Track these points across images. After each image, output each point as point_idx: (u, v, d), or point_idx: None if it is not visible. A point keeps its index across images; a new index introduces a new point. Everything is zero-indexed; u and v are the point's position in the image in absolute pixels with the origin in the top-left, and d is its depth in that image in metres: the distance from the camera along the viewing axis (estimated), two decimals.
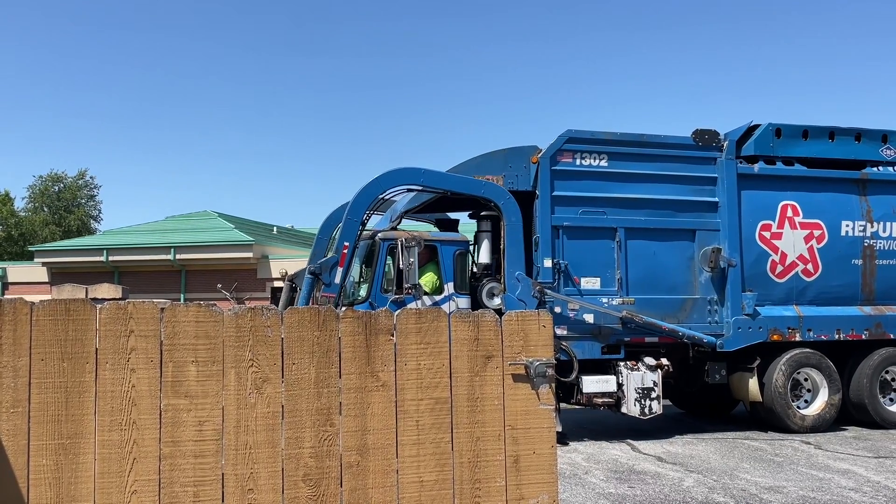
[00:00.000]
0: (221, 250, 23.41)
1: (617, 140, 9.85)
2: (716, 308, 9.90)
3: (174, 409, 3.01)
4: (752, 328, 9.85)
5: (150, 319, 3.02)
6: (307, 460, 3.11)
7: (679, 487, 6.95)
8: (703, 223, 9.99)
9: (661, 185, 9.92)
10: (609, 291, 9.59)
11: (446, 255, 9.41)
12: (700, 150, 10.08)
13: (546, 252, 9.39)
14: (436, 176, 9.38)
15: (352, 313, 3.24)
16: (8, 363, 2.88)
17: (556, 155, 9.63)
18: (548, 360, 3.29)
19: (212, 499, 3.01)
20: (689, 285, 9.90)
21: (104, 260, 23.94)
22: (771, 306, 10.05)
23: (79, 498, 2.90)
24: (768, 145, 10.28)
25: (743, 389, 10.00)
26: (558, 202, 9.57)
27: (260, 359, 3.11)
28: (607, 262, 9.63)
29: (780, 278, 10.14)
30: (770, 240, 10.13)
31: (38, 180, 47.54)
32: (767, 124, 10.32)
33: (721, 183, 10.05)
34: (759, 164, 10.23)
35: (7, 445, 2.86)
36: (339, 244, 8.99)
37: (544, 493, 3.27)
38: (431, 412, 3.24)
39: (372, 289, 9.15)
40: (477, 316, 3.31)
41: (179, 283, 24.18)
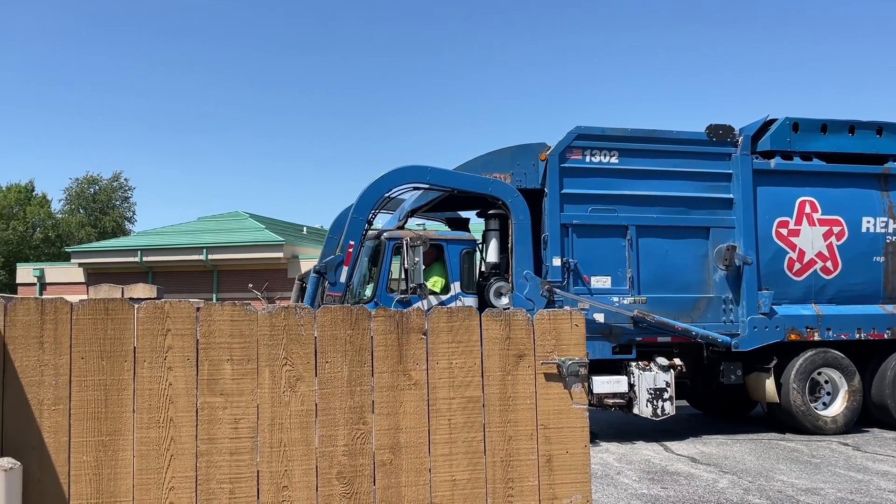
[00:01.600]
0: (252, 250, 23.68)
1: (628, 136, 9.70)
2: (731, 307, 9.70)
3: (210, 406, 3.05)
4: (769, 327, 9.65)
5: (187, 318, 3.06)
6: (340, 458, 3.13)
7: (713, 489, 6.86)
8: (718, 220, 9.79)
9: (673, 182, 9.74)
10: (620, 290, 9.43)
11: (453, 254, 9.28)
12: (714, 145, 9.88)
13: (555, 250, 9.27)
14: (442, 174, 9.30)
15: (384, 312, 3.25)
16: (49, 361, 2.95)
17: (565, 152, 9.50)
18: (580, 360, 3.27)
19: (247, 496, 3.04)
20: (703, 284, 9.72)
21: (138, 260, 24.36)
22: (788, 305, 9.83)
23: (118, 494, 2.95)
24: (785, 140, 10.05)
25: (759, 390, 9.80)
26: (567, 200, 9.44)
27: (294, 357, 3.14)
28: (618, 260, 9.48)
29: (797, 276, 9.92)
30: (787, 237, 9.91)
31: (74, 183, 48.57)
32: (784, 118, 10.09)
33: (736, 179, 9.84)
34: (775, 159, 10.01)
35: (49, 442, 2.92)
36: (344, 243, 8.92)
37: (577, 493, 3.25)
38: (463, 411, 3.24)
39: (377, 288, 9.06)
40: (508, 315, 3.30)
41: (212, 283, 24.52)
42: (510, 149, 9.71)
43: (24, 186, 45.29)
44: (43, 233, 43.91)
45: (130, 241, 27.63)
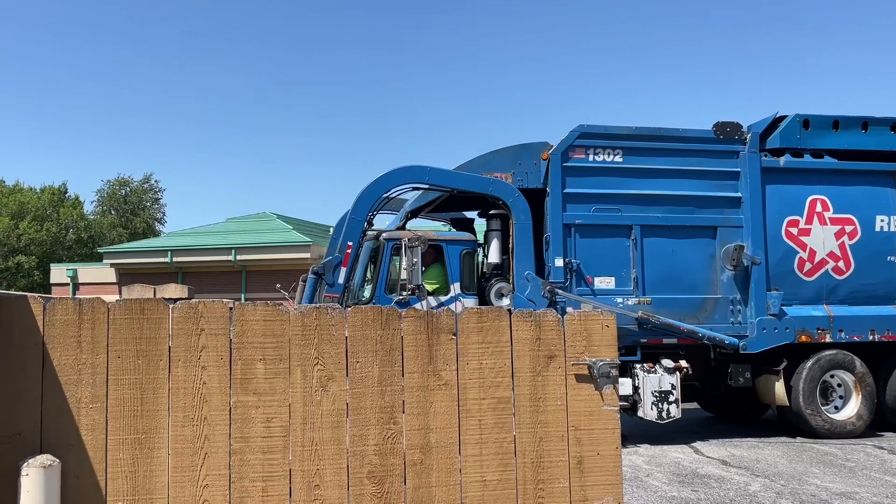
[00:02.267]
0: (280, 251, 23.86)
1: (632, 134, 9.57)
2: (739, 308, 9.51)
3: (243, 405, 3.08)
4: (778, 329, 9.44)
5: (220, 318, 3.10)
6: (372, 457, 3.15)
7: (745, 492, 6.77)
8: (725, 219, 9.61)
9: (679, 181, 9.58)
10: (624, 291, 9.30)
11: (452, 254, 9.20)
12: (721, 143, 9.70)
13: (557, 251, 9.15)
14: (442, 174, 9.24)
15: (414, 312, 3.26)
16: (87, 360, 3.00)
17: (567, 151, 9.39)
18: (612, 361, 3.25)
19: (280, 494, 3.07)
20: (710, 284, 9.54)
21: (168, 261, 24.68)
22: (799, 306, 9.61)
23: (153, 491, 3.00)
24: (795, 137, 9.82)
25: (769, 393, 9.59)
26: (570, 199, 9.31)
27: (325, 357, 3.16)
28: (622, 260, 9.35)
29: (808, 276, 9.69)
30: (798, 236, 9.70)
31: (106, 184, 49.41)
32: (794, 115, 9.87)
33: (744, 177, 9.66)
34: (785, 157, 9.80)
35: (86, 440, 2.98)
36: (342, 244, 8.89)
37: (609, 495, 3.23)
38: (494, 411, 3.24)
39: (376, 289, 9.00)
40: (539, 315, 3.30)
41: (240, 283, 24.75)
42: (511, 148, 9.63)
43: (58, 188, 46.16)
44: (76, 234, 44.72)
45: (161, 242, 28.00)
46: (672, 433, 10.01)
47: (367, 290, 9.23)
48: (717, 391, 10.36)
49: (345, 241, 8.87)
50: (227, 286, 24.52)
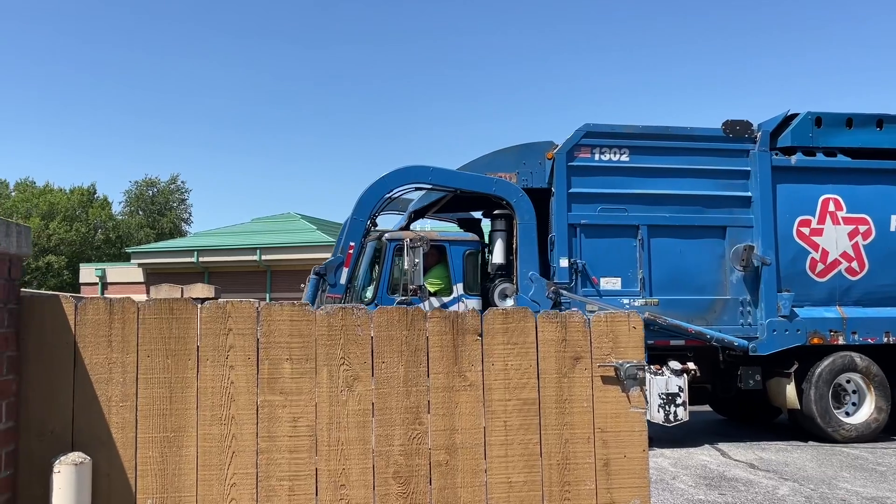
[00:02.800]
0: (305, 251, 24.00)
1: (639, 133, 9.46)
2: (749, 309, 9.37)
3: (270, 405, 3.11)
4: (789, 330, 9.29)
5: (248, 318, 3.12)
6: (397, 458, 3.15)
7: (773, 496, 6.68)
8: (735, 219, 9.48)
9: (687, 180, 9.46)
10: (631, 292, 9.20)
11: (455, 255, 9.16)
12: (731, 142, 9.57)
13: (562, 251, 9.08)
14: (445, 174, 9.19)
15: (439, 313, 3.26)
16: (117, 359, 3.04)
17: (573, 150, 9.32)
18: (639, 363, 3.22)
19: (306, 493, 3.09)
20: (719, 285, 9.41)
21: (195, 261, 24.96)
22: (811, 307, 9.44)
23: (182, 489, 3.03)
24: (807, 135, 9.65)
25: (780, 396, 9.44)
26: (575, 199, 9.24)
27: (351, 357, 3.17)
28: (629, 261, 9.24)
29: (820, 277, 9.52)
30: (809, 236, 9.53)
31: (133, 185, 50.13)
32: (806, 113, 9.70)
33: (754, 176, 9.51)
34: (796, 155, 9.64)
35: (116, 438, 3.02)
36: (344, 244, 8.88)
37: (636, 497, 3.20)
38: (519, 413, 3.23)
39: (378, 290, 8.98)
40: (564, 317, 3.28)
41: (265, 282, 24.96)
42: (516, 147, 9.56)
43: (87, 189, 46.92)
44: (104, 234, 45.41)
45: (187, 242, 28.33)
46: (697, 435, 9.91)
47: (370, 290, 9.20)
48: (727, 394, 10.20)
49: (346, 242, 8.87)
50: (251, 286, 24.74)
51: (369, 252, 9.32)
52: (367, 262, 9.37)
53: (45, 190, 46.09)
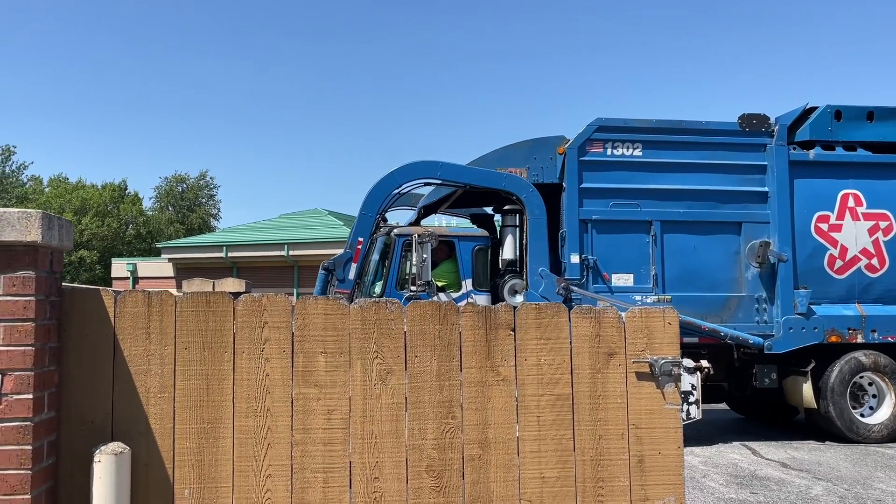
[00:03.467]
0: (332, 247, 24.11)
1: (652, 128, 9.30)
2: (764, 306, 9.20)
3: (305, 397, 3.13)
4: (806, 328, 9.09)
5: (283, 312, 3.15)
6: (430, 451, 3.16)
7: (807, 496, 6.59)
8: (751, 215, 9.30)
9: (702, 175, 9.29)
10: (643, 288, 9.05)
11: (464, 251, 9.09)
12: (747, 136, 9.37)
13: (573, 247, 8.97)
14: (454, 169, 9.11)
15: (472, 307, 3.26)
16: (155, 351, 3.09)
17: (584, 145, 9.18)
18: (674, 359, 3.19)
19: (340, 485, 3.11)
20: (734, 282, 9.25)
21: (223, 256, 25.25)
22: (828, 305, 9.25)
23: (218, 480, 3.07)
24: (826, 129, 9.42)
25: (796, 395, 9.26)
26: (587, 194, 9.12)
27: (384, 351, 3.19)
28: (641, 257, 9.11)
29: (839, 274, 9.31)
30: (828, 232, 9.33)
31: (163, 181, 50.83)
32: (825, 106, 9.48)
33: (771, 171, 9.32)
34: (815, 149, 9.42)
35: (154, 428, 3.07)
36: (352, 239, 8.85)
37: (671, 495, 3.18)
38: (552, 408, 3.22)
39: (386, 285, 8.94)
40: (599, 312, 3.26)
41: (292, 278, 25.16)
42: (527, 142, 9.46)
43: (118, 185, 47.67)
44: (135, 229, 46.12)
45: (216, 238, 28.66)
46: (726, 434, 9.80)
47: (379, 286, 9.18)
48: (743, 392, 10.05)
49: (355, 237, 8.86)
50: (279, 281, 24.95)
51: (378, 247, 9.30)
52: (377, 257, 9.36)
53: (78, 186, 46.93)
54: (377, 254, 9.33)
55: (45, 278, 2.89)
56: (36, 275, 2.80)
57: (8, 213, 2.76)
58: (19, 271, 2.78)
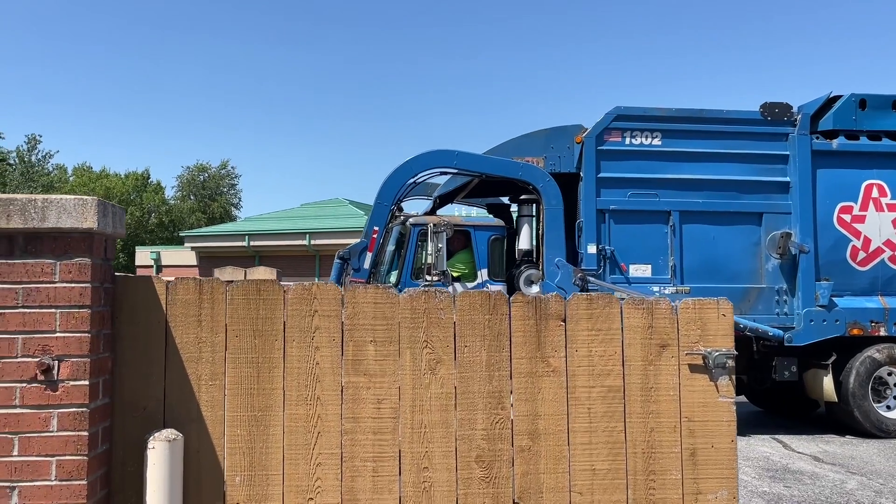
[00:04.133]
0: (353, 236, 24.16)
1: (672, 116, 9.14)
2: (785, 298, 9.04)
3: (354, 386, 3.13)
4: (828, 321, 8.95)
5: (333, 300, 3.14)
6: (479, 442, 3.15)
7: (841, 490, 6.52)
8: (772, 205, 9.12)
9: (722, 165, 9.13)
10: (661, 279, 8.93)
11: (480, 240, 9.03)
12: (769, 125, 9.19)
13: (590, 237, 8.85)
14: (470, 158, 9.01)
15: (522, 297, 3.23)
16: (207, 339, 3.09)
17: (603, 133, 9.05)
18: (728, 351, 3.14)
19: (389, 474, 3.10)
20: (754, 273, 9.09)
21: (246, 245, 25.40)
22: (851, 297, 9.08)
23: (269, 467, 3.08)
24: (850, 118, 9.22)
25: (817, 388, 9.12)
26: (605, 184, 8.99)
27: (434, 340, 3.17)
28: (659, 247, 8.97)
29: (862, 266, 9.14)
30: (851, 223, 9.14)
31: (185, 170, 51.18)
32: (850, 95, 9.27)
33: (793, 161, 9.14)
34: (838, 139, 9.23)
35: (206, 416, 3.08)
36: (368, 229, 8.78)
37: (724, 488, 3.14)
38: (603, 400, 3.19)
39: (402, 275, 8.89)
40: (651, 303, 3.22)
41: (314, 267, 25.27)
42: (544, 131, 9.34)
43: (141, 174, 48.07)
44: (157, 218, 46.52)
45: (239, 227, 28.83)
46: (755, 427, 9.70)
47: (394, 275, 9.16)
48: (762, 385, 9.93)
49: (370, 226, 8.79)
50: (301, 270, 25.06)
51: (394, 236, 9.27)
52: (392, 246, 9.33)
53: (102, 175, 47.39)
54: (393, 243, 9.31)
55: (99, 265, 2.90)
56: (91, 262, 2.80)
57: (64, 200, 2.77)
58: (75, 258, 2.78)
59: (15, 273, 2.75)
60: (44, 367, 2.73)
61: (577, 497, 3.15)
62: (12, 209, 2.73)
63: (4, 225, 2.72)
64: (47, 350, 2.75)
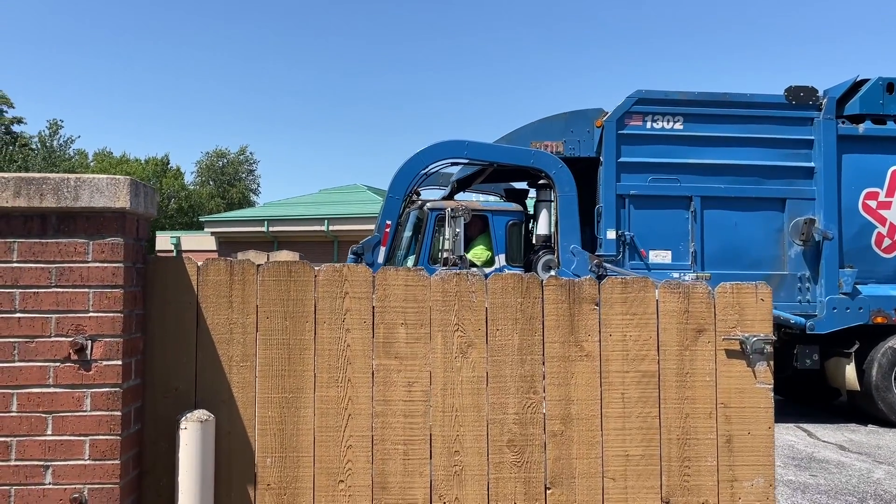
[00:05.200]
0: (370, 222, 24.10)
1: (694, 100, 9.00)
2: (807, 286, 8.91)
3: (385, 369, 3.10)
4: (851, 309, 8.79)
5: (364, 283, 3.11)
6: (511, 426, 3.11)
7: (868, 479, 6.44)
8: (795, 191, 8.96)
9: (745, 150, 8.96)
10: (682, 266, 8.81)
11: (498, 225, 8.91)
12: (794, 109, 9.01)
13: (610, 223, 8.75)
14: (481, 148, 8.92)
15: (555, 281, 3.18)
16: (238, 320, 3.08)
17: (623, 117, 8.90)
18: (766, 336, 3.08)
19: (420, 458, 3.08)
20: (777, 260, 8.95)
21: (265, 230, 25.49)
22: (875, 285, 8.93)
23: (300, 449, 3.07)
24: (878, 102, 9.01)
25: (839, 377, 9.00)
26: (625, 169, 8.86)
27: (465, 324, 3.13)
28: (680, 233, 8.85)
29: (887, 253, 8.98)
30: (876, 210, 8.97)
31: (204, 156, 51.43)
32: (877, 78, 9.06)
33: (818, 146, 8.96)
34: (865, 123, 9.03)
35: (237, 397, 3.07)
36: (381, 222, 8.69)
37: (760, 476, 3.09)
38: (637, 385, 3.14)
39: (419, 260, 8.80)
40: (688, 287, 3.16)
41: (332, 252, 25.33)
42: (563, 115, 9.22)
43: (161, 159, 48.34)
44: (177, 203, 46.82)
45: (258, 212, 28.93)
46: (778, 415, 9.47)
47: (411, 260, 9.07)
48: (783, 373, 9.76)
49: (383, 220, 8.70)
50: (319, 255, 25.10)
51: (411, 221, 9.19)
52: (409, 231, 9.25)
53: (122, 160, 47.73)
54: (410, 228, 9.23)
55: (132, 245, 2.88)
56: (124, 241, 2.79)
57: (97, 179, 2.75)
58: (108, 238, 2.77)
59: (48, 252, 2.74)
60: (77, 347, 2.73)
61: (610, 483, 3.11)
62: (45, 188, 2.72)
63: (38, 204, 2.71)
64: (80, 330, 2.74)
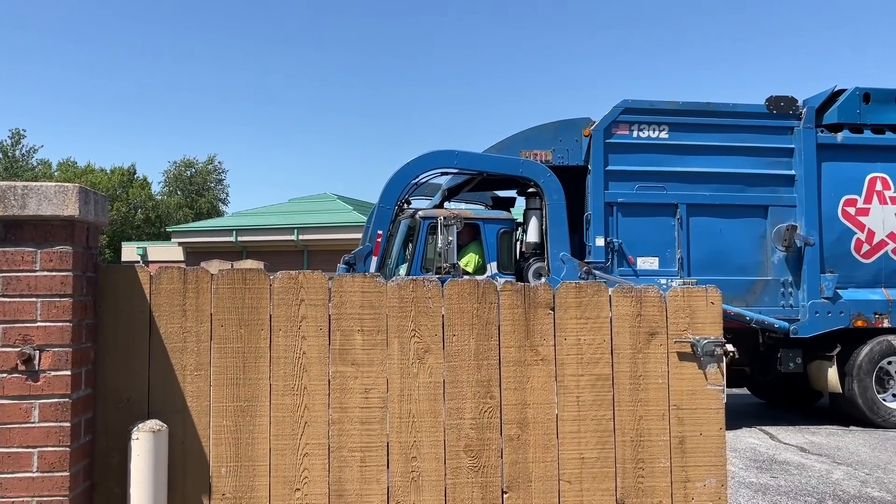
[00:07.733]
0: (341, 231, 24.14)
1: (679, 110, 9.23)
2: (790, 290, 9.16)
3: (342, 376, 3.10)
4: (832, 313, 9.06)
5: (319, 290, 3.11)
6: (468, 431, 3.13)
7: (827, 480, 6.56)
8: (777, 198, 9.24)
9: (728, 158, 9.22)
10: (668, 272, 9.00)
11: (490, 233, 9.00)
12: (775, 118, 9.30)
13: (598, 230, 8.93)
14: (470, 157, 9.05)
15: (510, 286, 3.21)
16: (192, 329, 3.05)
17: (610, 127, 9.11)
18: (716, 339, 3.14)
19: (378, 465, 3.08)
20: (760, 266, 9.19)
21: (234, 240, 25.28)
22: (855, 289, 9.20)
23: (255, 458, 3.04)
24: (855, 112, 9.34)
25: (821, 379, 9.23)
26: (612, 177, 9.05)
27: (422, 329, 3.14)
28: (667, 240, 9.07)
29: (866, 258, 9.25)
30: (855, 216, 9.25)
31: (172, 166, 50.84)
32: (854, 88, 9.38)
33: (798, 154, 9.23)
34: (843, 132, 9.34)
35: (191, 406, 3.04)
36: (372, 232, 8.76)
37: (712, 476, 3.14)
38: (592, 388, 3.17)
39: (411, 269, 8.87)
40: (640, 291, 3.21)
41: (302, 262, 25.18)
42: (552, 124, 9.38)
43: (127, 169, 47.67)
44: (144, 213, 46.19)
45: (226, 222, 28.69)
46: (743, 418, 9.76)
47: (403, 268, 9.12)
48: (767, 377, 10.00)
49: (374, 230, 8.76)
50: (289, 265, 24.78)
51: (402, 230, 9.23)
52: (401, 240, 9.29)
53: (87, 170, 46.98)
54: (401, 237, 9.26)
55: (81, 253, 2.85)
56: (73, 250, 2.75)
57: (45, 187, 2.72)
58: (56, 246, 2.73)
59: None
60: (24, 357, 2.68)
61: (566, 486, 3.13)
62: None
63: None
64: (28, 340, 2.70)
